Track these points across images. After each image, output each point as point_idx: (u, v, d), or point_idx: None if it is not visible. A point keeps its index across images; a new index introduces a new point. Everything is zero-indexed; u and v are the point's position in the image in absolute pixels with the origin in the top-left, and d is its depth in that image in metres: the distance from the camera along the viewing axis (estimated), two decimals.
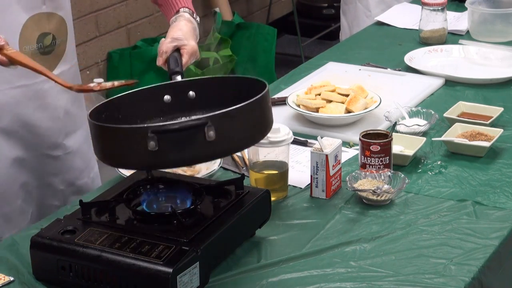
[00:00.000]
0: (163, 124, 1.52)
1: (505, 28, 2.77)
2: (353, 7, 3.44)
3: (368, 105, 2.22)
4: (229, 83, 1.77)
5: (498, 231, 1.75)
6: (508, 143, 2.10)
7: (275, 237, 1.75)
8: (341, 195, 1.90)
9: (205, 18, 4.85)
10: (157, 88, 1.79)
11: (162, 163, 1.55)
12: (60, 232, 1.60)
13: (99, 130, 1.58)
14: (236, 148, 1.62)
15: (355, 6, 3.43)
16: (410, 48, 2.70)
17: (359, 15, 3.33)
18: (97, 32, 4.12)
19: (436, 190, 1.92)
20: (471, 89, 2.43)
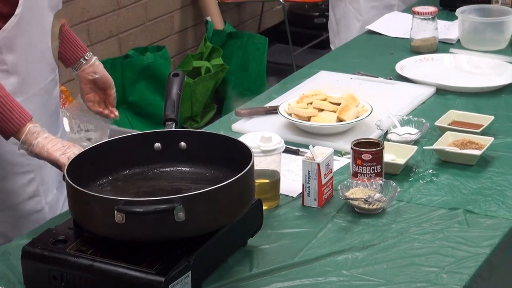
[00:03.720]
0: (131, 202, 1.50)
1: (495, 36, 2.78)
2: (342, 6, 3.45)
3: (359, 114, 2.22)
4: (220, 141, 1.77)
5: (489, 240, 1.75)
6: (499, 152, 2.11)
7: (267, 246, 1.75)
8: (333, 204, 1.90)
9: (196, 27, 4.86)
10: (149, 134, 1.79)
11: (130, 236, 1.55)
12: (51, 241, 1.60)
13: (72, 190, 1.59)
14: (208, 228, 1.59)
15: (344, 6, 3.43)
16: (401, 57, 2.70)
17: (348, 16, 3.33)
18: (88, 41, 4.12)
19: (428, 198, 1.92)
20: (462, 98, 2.43)
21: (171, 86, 1.88)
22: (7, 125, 1.82)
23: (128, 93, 4.22)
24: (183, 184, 1.73)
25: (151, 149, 1.78)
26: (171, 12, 4.68)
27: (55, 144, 1.81)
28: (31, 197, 2.05)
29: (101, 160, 1.73)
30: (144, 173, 1.77)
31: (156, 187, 1.73)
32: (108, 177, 1.74)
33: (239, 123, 2.30)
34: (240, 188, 1.61)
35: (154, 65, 4.26)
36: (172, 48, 4.67)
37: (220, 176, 1.71)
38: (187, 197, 1.52)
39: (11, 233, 2.01)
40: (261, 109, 2.36)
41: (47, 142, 1.82)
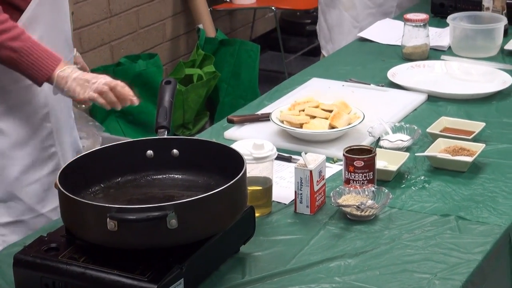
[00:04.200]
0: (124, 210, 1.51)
1: (486, 43, 2.79)
2: (336, 13, 3.43)
3: (351, 120, 2.22)
4: (212, 148, 1.77)
5: (481, 246, 1.76)
6: (490, 158, 2.11)
7: (260, 253, 1.75)
8: (325, 211, 1.90)
9: (188, 34, 4.86)
10: (141, 142, 1.80)
11: (122, 243, 1.54)
12: (43, 249, 1.60)
13: (64, 197, 1.59)
14: (201, 235, 1.59)
15: (339, 13, 3.42)
16: (393, 64, 2.71)
17: (343, 23, 3.30)
18: (80, 49, 4.12)
19: (420, 205, 1.92)
20: (453, 105, 2.44)
21: (163, 93, 1.88)
22: (37, 73, 1.97)
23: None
24: (175, 192, 1.73)
25: (143, 157, 1.78)
26: (163, 20, 4.69)
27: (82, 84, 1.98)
28: (53, 170, 2.12)
29: (93, 167, 1.73)
30: (137, 180, 1.77)
31: (148, 194, 1.73)
32: (100, 185, 1.74)
33: (231, 131, 2.30)
34: (232, 195, 1.61)
35: (146, 73, 4.26)
36: (164, 56, 4.68)
37: (213, 183, 1.72)
38: (179, 204, 1.52)
39: (39, 207, 2.10)
40: (253, 116, 2.36)
41: (76, 85, 1.98)
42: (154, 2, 4.60)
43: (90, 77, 2.01)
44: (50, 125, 2.13)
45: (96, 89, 1.98)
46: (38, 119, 2.11)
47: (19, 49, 1.96)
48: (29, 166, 2.11)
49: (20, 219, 2.11)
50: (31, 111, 2.09)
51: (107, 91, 1.99)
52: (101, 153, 1.76)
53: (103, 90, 1.99)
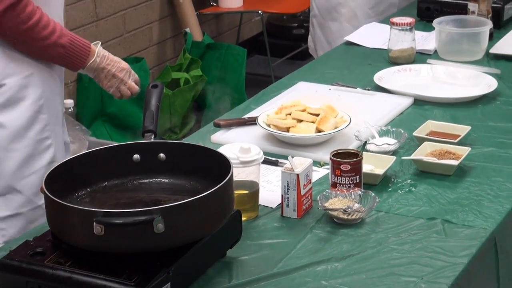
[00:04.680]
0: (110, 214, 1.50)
1: (471, 47, 2.80)
2: (337, 25, 3.40)
3: (338, 124, 2.22)
4: (199, 152, 1.77)
5: (467, 249, 1.76)
6: (476, 162, 2.12)
7: (246, 257, 1.75)
8: (312, 215, 1.91)
9: (175, 38, 4.85)
10: (128, 146, 1.79)
11: (109, 248, 1.54)
12: (29, 253, 1.59)
13: (50, 201, 1.58)
14: (187, 239, 1.59)
15: (339, 25, 3.38)
16: (379, 67, 2.71)
17: (345, 34, 3.24)
18: None
19: (406, 208, 1.93)
20: (439, 108, 2.45)
21: (150, 97, 1.88)
22: (77, 63, 2.17)
23: (106, 105, 4.21)
24: (162, 196, 1.73)
25: (130, 161, 1.78)
26: (150, 24, 4.68)
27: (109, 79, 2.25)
28: (50, 163, 2.14)
29: (79, 171, 1.73)
30: (123, 184, 1.77)
31: (135, 198, 1.73)
32: (86, 189, 1.74)
33: (218, 134, 2.30)
34: (219, 199, 1.61)
35: None
36: (151, 60, 4.67)
37: (199, 187, 1.71)
38: (166, 208, 1.52)
39: (37, 199, 2.13)
40: (240, 120, 2.36)
41: (103, 78, 2.24)
42: (141, 6, 4.59)
43: (114, 70, 2.24)
44: (46, 117, 2.16)
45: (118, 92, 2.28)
46: (34, 111, 2.13)
47: (66, 45, 2.11)
48: (26, 158, 2.13)
49: (18, 211, 2.14)
50: (28, 103, 2.12)
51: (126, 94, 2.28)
52: (87, 157, 1.76)
53: (122, 93, 2.28)
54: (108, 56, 2.24)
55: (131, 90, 2.30)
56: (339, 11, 3.42)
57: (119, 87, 2.27)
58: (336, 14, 3.43)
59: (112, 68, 2.24)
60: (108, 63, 2.23)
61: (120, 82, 2.26)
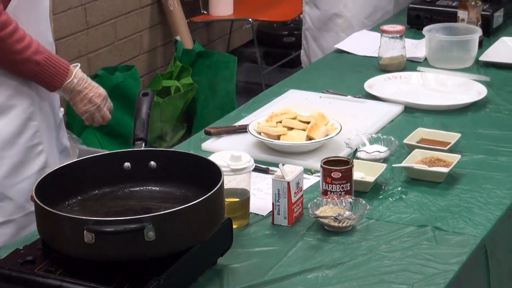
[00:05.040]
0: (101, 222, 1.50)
1: (461, 55, 2.81)
2: (332, 35, 3.39)
3: (329, 132, 2.23)
4: (190, 160, 1.77)
5: (458, 257, 1.76)
6: (466, 169, 2.13)
7: (237, 265, 1.75)
8: (303, 222, 1.91)
9: (165, 46, 4.86)
10: (118, 154, 1.79)
11: (99, 256, 1.54)
12: (19, 262, 1.59)
13: (40, 210, 1.58)
14: (178, 247, 1.58)
15: (336, 35, 3.37)
16: (369, 75, 2.72)
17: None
18: None
19: (397, 216, 1.93)
20: (429, 116, 2.45)
21: (141, 105, 1.88)
22: (54, 83, 2.13)
23: None
24: (153, 204, 1.73)
25: (120, 169, 1.78)
26: (140, 32, 4.68)
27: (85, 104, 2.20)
28: (42, 169, 2.14)
29: (70, 180, 1.72)
30: (114, 192, 1.77)
31: (126, 206, 1.73)
32: (77, 197, 1.73)
33: (209, 142, 2.30)
34: (210, 207, 1.61)
35: (123, 85, 4.25)
36: (142, 68, 4.67)
37: (190, 195, 1.71)
38: (157, 216, 1.52)
39: (29, 205, 2.11)
40: (231, 128, 2.36)
41: (78, 101, 2.19)
42: (131, 14, 4.60)
43: (92, 95, 2.20)
44: (36, 124, 2.15)
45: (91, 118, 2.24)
46: (24, 118, 2.13)
47: (41, 62, 2.07)
48: (17, 165, 2.12)
49: (10, 218, 2.13)
50: (18, 111, 2.11)
51: (98, 122, 2.25)
52: (78, 166, 1.76)
53: (95, 120, 2.24)
54: (86, 79, 2.20)
55: (103, 118, 2.26)
56: (335, 22, 3.43)
57: (93, 114, 2.23)
58: (332, 24, 3.44)
59: (89, 93, 2.20)
60: (86, 86, 2.19)
61: (95, 109, 2.22)
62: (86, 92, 2.19)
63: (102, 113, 2.25)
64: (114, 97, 4.20)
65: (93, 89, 2.21)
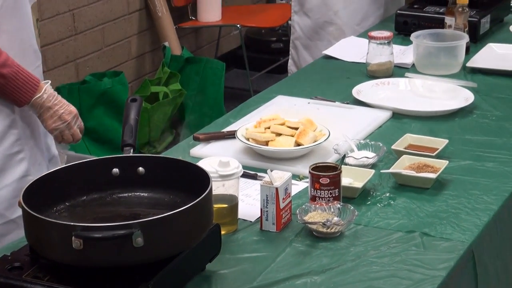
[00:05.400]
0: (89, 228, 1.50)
1: (449, 61, 2.82)
2: (324, 44, 3.36)
3: (317, 138, 2.23)
4: (178, 166, 1.77)
5: (445, 262, 1.77)
6: (454, 175, 2.13)
7: (226, 271, 1.74)
8: (291, 228, 1.91)
9: (154, 52, 4.85)
10: (107, 160, 1.79)
11: (88, 262, 1.54)
12: (7, 268, 1.58)
13: (28, 216, 1.57)
14: (167, 253, 1.58)
15: (328, 44, 3.33)
16: (357, 81, 2.72)
17: None
18: (45, 67, 4.09)
19: (385, 221, 1.93)
20: (417, 122, 2.46)
21: (129, 111, 1.88)
22: (20, 98, 2.09)
23: (85, 119, 4.17)
24: (141, 210, 1.73)
25: (109, 175, 1.77)
26: (129, 38, 4.68)
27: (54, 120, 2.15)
28: (23, 176, 2.13)
29: (58, 186, 1.72)
30: (102, 198, 1.76)
31: (114, 212, 1.72)
32: (65, 203, 1.73)
33: (197, 148, 2.30)
34: (198, 213, 1.61)
35: (111, 91, 4.25)
36: (130, 74, 4.66)
37: (179, 201, 1.71)
38: (145, 222, 1.52)
39: (9, 213, 2.10)
40: (219, 134, 2.36)
41: (48, 117, 2.15)
42: (119, 19, 4.59)
43: (62, 112, 2.16)
44: (17, 131, 2.14)
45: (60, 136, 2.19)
46: (6, 126, 2.12)
47: (7, 75, 2.04)
48: None
49: None
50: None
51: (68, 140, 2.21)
52: (66, 172, 1.75)
53: (65, 138, 2.20)
54: (57, 96, 2.16)
55: (74, 137, 2.22)
56: (327, 30, 3.43)
57: (63, 132, 2.19)
58: (324, 33, 3.43)
59: (60, 109, 2.16)
60: (56, 103, 2.15)
61: (65, 126, 2.18)
62: (56, 109, 2.15)
63: (72, 131, 2.20)
64: (103, 103, 4.23)
65: (63, 106, 2.17)
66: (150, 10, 4.76)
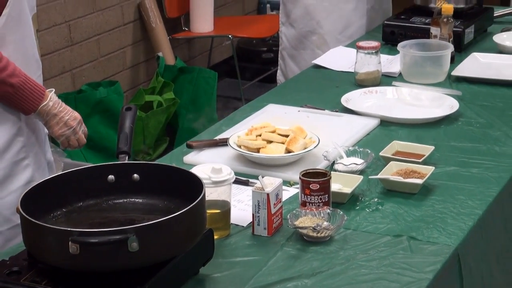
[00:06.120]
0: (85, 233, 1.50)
1: (434, 70, 2.83)
2: (308, 53, 3.40)
3: (307, 145, 2.23)
4: (172, 172, 1.77)
5: (432, 265, 1.77)
6: (440, 180, 2.14)
7: (219, 275, 1.74)
8: (282, 233, 1.91)
9: (148, 62, 4.85)
10: (102, 167, 1.79)
11: (84, 266, 1.53)
12: (5, 273, 1.58)
13: (26, 222, 1.57)
14: (161, 258, 1.58)
15: (311, 52, 3.38)
16: (346, 90, 2.73)
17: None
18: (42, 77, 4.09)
19: (374, 226, 1.93)
20: (404, 129, 2.46)
21: (124, 119, 1.88)
22: (28, 106, 2.10)
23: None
24: (136, 215, 1.73)
25: (105, 181, 1.77)
26: (123, 48, 4.68)
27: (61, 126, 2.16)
28: (27, 183, 2.13)
29: (55, 192, 1.72)
30: (98, 204, 1.76)
31: (110, 218, 1.72)
32: (62, 209, 1.73)
33: (191, 155, 2.30)
34: (191, 218, 1.61)
35: (107, 100, 4.24)
36: (125, 83, 4.66)
37: (173, 206, 1.71)
38: (140, 227, 1.52)
39: (15, 218, 2.09)
40: (212, 141, 2.36)
41: (54, 124, 2.16)
42: (114, 30, 4.59)
43: (67, 118, 2.17)
44: (23, 139, 2.15)
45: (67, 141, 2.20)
46: (13, 134, 2.12)
47: (16, 85, 2.05)
48: (3, 180, 2.11)
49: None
50: (6, 127, 2.11)
51: (74, 145, 2.22)
52: (63, 178, 1.75)
53: (71, 143, 2.21)
54: (61, 103, 2.17)
55: (79, 142, 2.23)
56: (310, 39, 3.44)
57: (69, 137, 2.20)
58: (307, 42, 3.44)
59: (65, 116, 2.17)
60: (62, 110, 2.16)
61: (71, 132, 2.19)
62: (62, 116, 2.16)
63: (78, 136, 2.22)
64: (98, 111, 4.23)
65: (68, 113, 2.18)
66: (144, 21, 4.76)
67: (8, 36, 2.06)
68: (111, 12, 4.55)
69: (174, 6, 4.92)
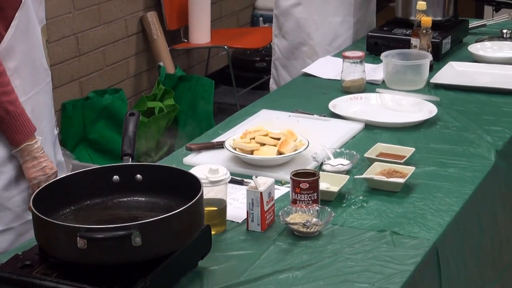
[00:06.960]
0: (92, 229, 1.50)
1: (415, 77, 2.83)
2: (300, 63, 3.38)
3: (297, 147, 2.23)
4: (172, 173, 1.77)
5: (413, 258, 1.77)
6: (420, 179, 2.14)
7: (216, 267, 1.74)
8: (274, 228, 1.91)
9: (150, 71, 4.85)
10: (108, 168, 1.79)
11: (91, 260, 1.53)
12: (18, 266, 1.58)
13: (37, 219, 1.57)
14: (162, 252, 1.58)
15: (303, 62, 3.35)
16: (333, 96, 2.73)
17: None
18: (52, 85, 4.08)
19: (359, 222, 1.94)
20: (387, 132, 2.47)
21: (128, 124, 1.88)
22: (14, 137, 2.03)
23: (88, 132, 4.19)
24: (139, 213, 1.73)
25: (110, 181, 1.77)
26: (127, 58, 4.68)
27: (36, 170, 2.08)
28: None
29: (64, 191, 1.71)
30: (104, 203, 1.76)
31: (115, 215, 1.72)
32: (71, 207, 1.72)
33: (190, 157, 2.30)
34: (190, 215, 1.61)
35: (112, 106, 4.24)
36: (128, 90, 4.66)
37: (173, 204, 1.71)
38: (143, 224, 1.52)
39: (26, 214, 2.08)
40: (209, 144, 2.36)
41: (31, 166, 2.08)
42: (119, 42, 4.59)
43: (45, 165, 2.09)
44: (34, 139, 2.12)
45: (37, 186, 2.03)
46: None
47: (11, 112, 2.00)
48: (14, 179, 2.10)
49: (9, 226, 2.10)
50: None
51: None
52: (71, 179, 1.75)
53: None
54: (43, 151, 2.10)
55: None
56: (301, 50, 3.44)
57: (40, 183, 2.07)
58: (298, 52, 3.45)
59: (44, 162, 2.09)
60: (42, 156, 2.09)
61: (45, 179, 2.09)
62: (41, 161, 2.08)
63: None
64: (104, 117, 4.23)
65: (48, 160, 2.11)
66: (146, 34, 4.76)
67: (17, 46, 2.05)
68: (115, 25, 4.55)
69: (174, 19, 4.92)
